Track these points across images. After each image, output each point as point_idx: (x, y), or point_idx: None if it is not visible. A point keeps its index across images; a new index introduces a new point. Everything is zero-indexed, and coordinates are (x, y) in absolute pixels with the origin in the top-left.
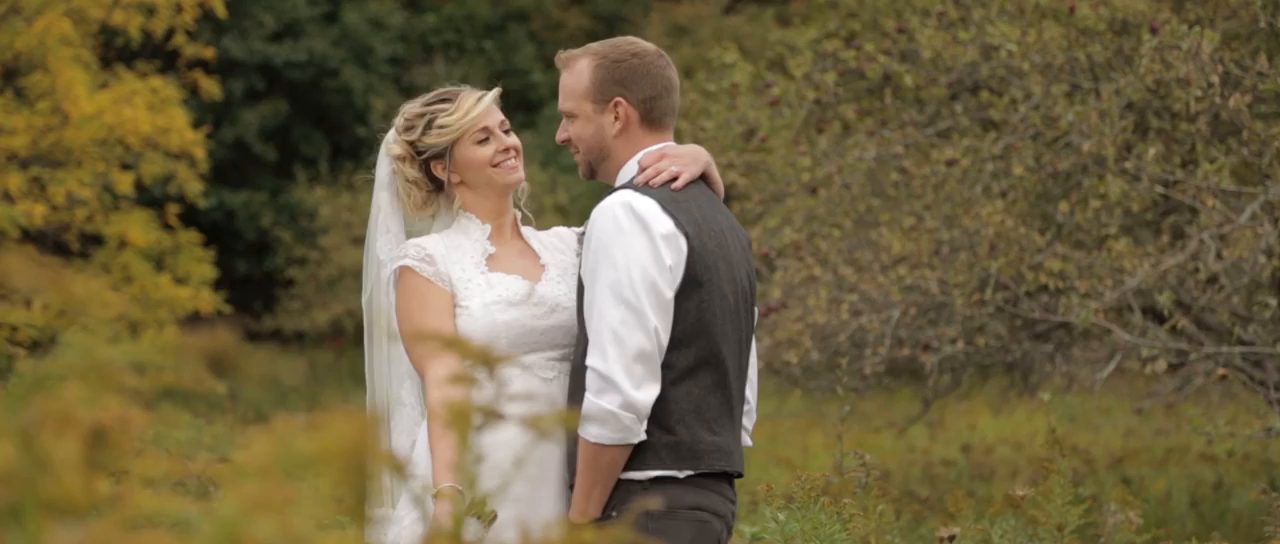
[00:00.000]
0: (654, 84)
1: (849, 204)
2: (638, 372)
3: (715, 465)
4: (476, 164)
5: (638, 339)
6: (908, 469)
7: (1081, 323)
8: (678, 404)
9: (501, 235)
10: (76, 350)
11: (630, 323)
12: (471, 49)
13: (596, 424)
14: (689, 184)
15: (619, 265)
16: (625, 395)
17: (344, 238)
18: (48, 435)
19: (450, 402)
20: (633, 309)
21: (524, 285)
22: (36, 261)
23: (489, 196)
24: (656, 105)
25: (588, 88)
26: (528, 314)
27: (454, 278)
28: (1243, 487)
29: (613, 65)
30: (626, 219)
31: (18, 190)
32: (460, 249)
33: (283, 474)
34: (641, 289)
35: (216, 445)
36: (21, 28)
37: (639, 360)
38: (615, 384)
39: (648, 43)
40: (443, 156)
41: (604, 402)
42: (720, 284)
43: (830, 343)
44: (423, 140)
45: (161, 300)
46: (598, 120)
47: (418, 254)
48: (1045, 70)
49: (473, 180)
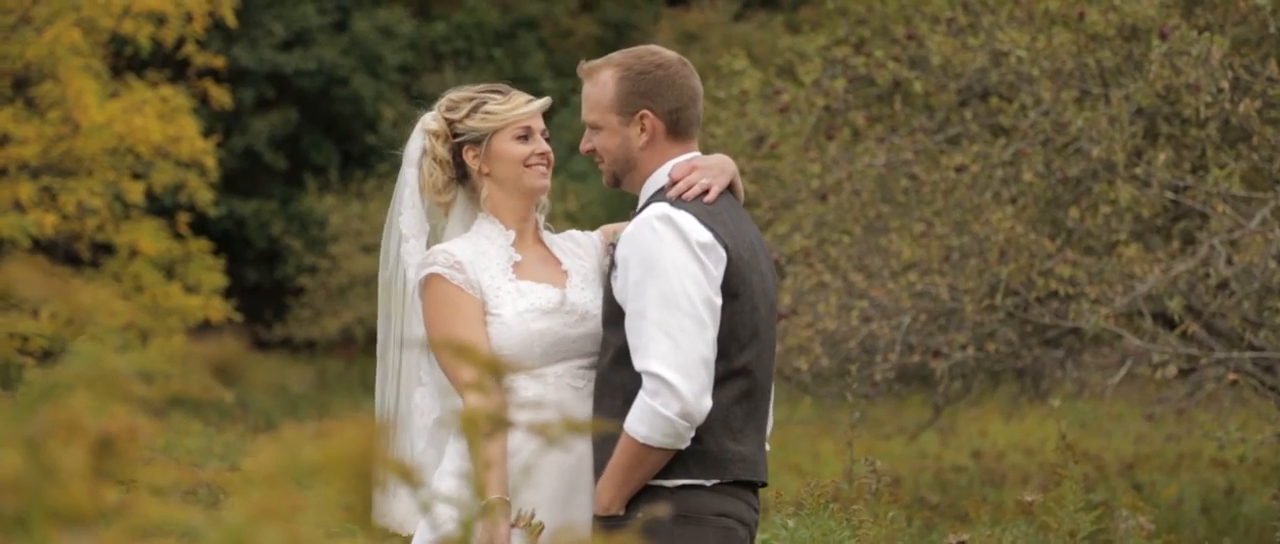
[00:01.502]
0: (679, 95)
1: (859, 210)
2: (700, 380)
3: (740, 475)
4: (510, 159)
5: (698, 347)
6: (918, 475)
7: (1092, 328)
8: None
9: (524, 241)
10: (85, 359)
11: (690, 331)
12: (481, 57)
13: (648, 427)
14: (720, 195)
15: (670, 275)
16: (685, 403)
17: (354, 246)
18: (55, 444)
19: (484, 410)
20: (691, 317)
21: (556, 293)
22: (45, 271)
23: (513, 197)
24: (682, 116)
25: (613, 100)
26: (561, 323)
27: (484, 285)
28: (1254, 492)
29: (638, 77)
30: (668, 232)
31: (29, 200)
32: (486, 255)
33: (291, 482)
34: (697, 298)
35: (226, 454)
36: (32, 37)
37: (702, 367)
38: (677, 391)
39: (670, 52)
40: (479, 144)
41: (661, 406)
42: (752, 295)
43: (840, 349)
44: (465, 121)
45: (172, 309)
46: (624, 132)
47: (447, 261)
48: (1055, 76)
49: (500, 176)
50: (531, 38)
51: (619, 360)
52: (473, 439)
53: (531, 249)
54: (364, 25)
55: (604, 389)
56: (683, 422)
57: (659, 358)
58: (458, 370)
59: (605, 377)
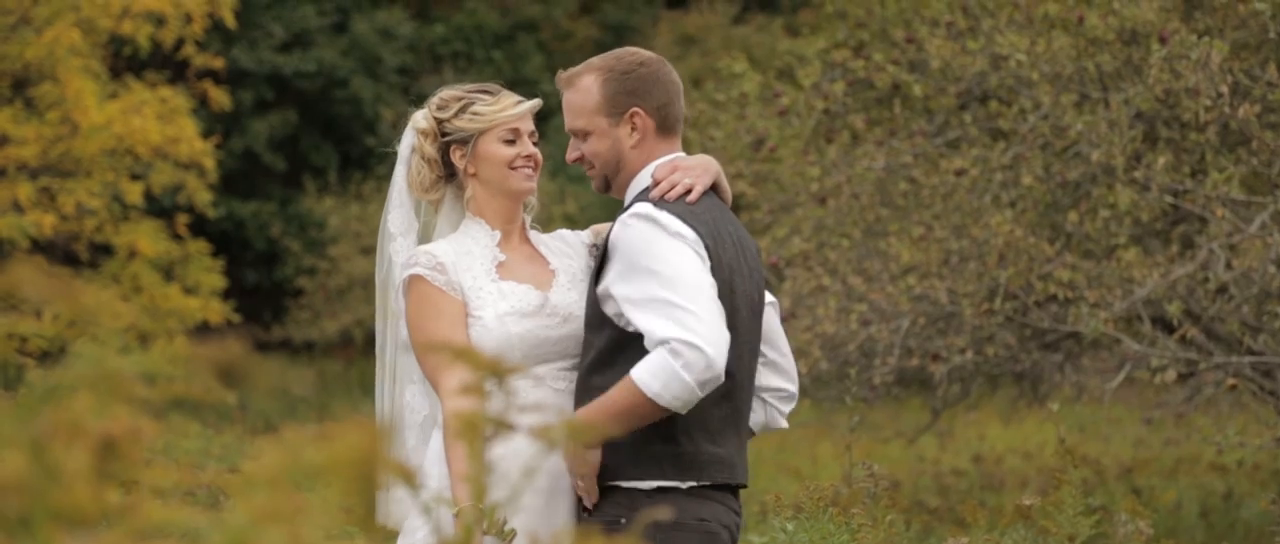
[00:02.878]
0: (665, 90)
1: (858, 214)
2: (724, 348)
3: (717, 477)
4: (495, 161)
5: (716, 315)
6: (917, 479)
7: (1091, 333)
8: (682, 415)
9: (510, 241)
10: (86, 361)
11: (702, 302)
12: (480, 59)
13: (662, 384)
14: (702, 195)
15: (667, 258)
16: (713, 371)
17: (353, 247)
18: (58, 446)
19: (462, 413)
20: (700, 290)
21: (537, 296)
22: (46, 272)
23: (498, 198)
24: (670, 112)
25: (599, 102)
26: (541, 325)
27: (465, 286)
28: (1252, 497)
29: (622, 77)
30: (653, 229)
31: (27, 200)
32: (470, 255)
33: (292, 484)
34: (699, 278)
35: (226, 455)
36: (31, 38)
37: (724, 335)
38: (708, 357)
39: (646, 51)
40: (465, 144)
41: (683, 369)
42: (733, 297)
43: (839, 353)
44: (453, 122)
45: (171, 310)
46: (614, 134)
47: (429, 262)
48: (1054, 80)
49: (486, 177)
50: (531, 40)
51: (599, 364)
52: (473, 443)
53: (517, 249)
54: (363, 27)
55: (584, 393)
56: (701, 390)
57: (679, 326)
58: (438, 373)
59: (585, 380)
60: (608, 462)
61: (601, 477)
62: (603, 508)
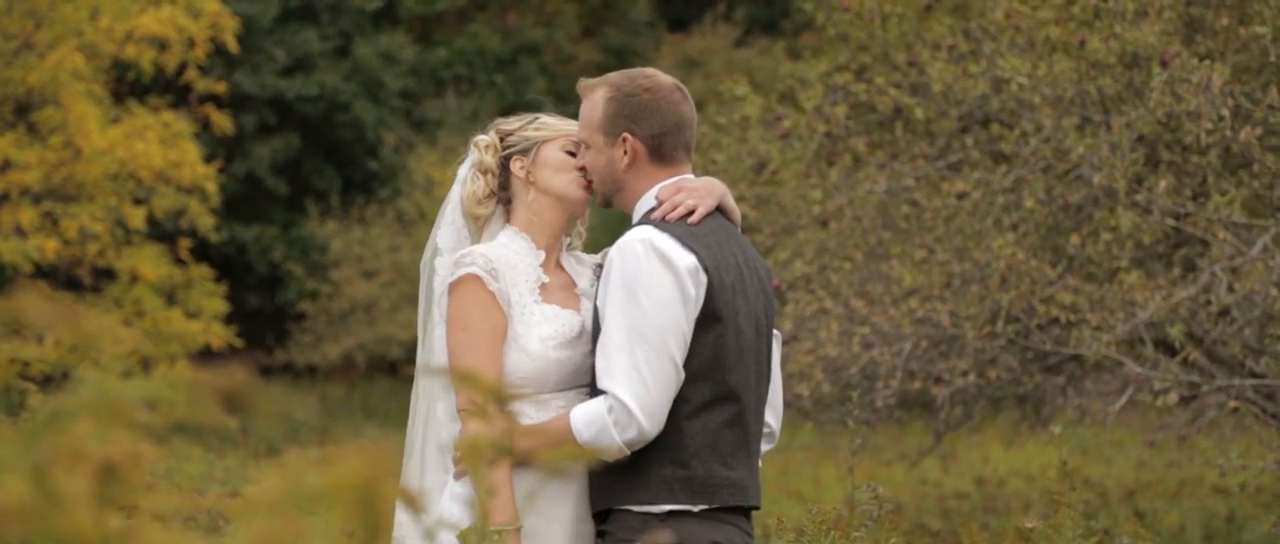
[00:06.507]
0: (664, 120)
1: (860, 236)
2: (660, 417)
3: (729, 500)
4: (556, 165)
5: (663, 384)
6: (920, 502)
7: (1093, 355)
8: (693, 439)
9: (549, 263)
10: (89, 386)
11: (656, 365)
12: (483, 83)
13: (593, 435)
14: (706, 217)
15: (644, 304)
16: (641, 435)
17: (355, 271)
18: (60, 471)
19: (467, 438)
20: (659, 350)
21: (577, 320)
22: (49, 297)
23: (551, 210)
24: (665, 142)
25: (599, 120)
26: (579, 352)
27: (511, 299)
28: (1255, 519)
29: (624, 99)
30: (647, 255)
31: (30, 225)
32: (516, 269)
33: (294, 509)
34: (669, 330)
35: (228, 480)
36: (34, 62)
37: (665, 404)
38: (638, 424)
39: (666, 76)
40: (526, 153)
41: (615, 428)
42: (737, 319)
43: (841, 375)
44: (521, 131)
45: (173, 335)
46: (609, 153)
47: (485, 265)
48: (1056, 103)
49: (545, 183)
50: (533, 64)
51: None
52: (475, 467)
53: (555, 273)
54: (366, 51)
55: None
56: (628, 448)
57: (627, 387)
58: (461, 393)
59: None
60: (619, 485)
61: (613, 501)
62: (615, 533)
